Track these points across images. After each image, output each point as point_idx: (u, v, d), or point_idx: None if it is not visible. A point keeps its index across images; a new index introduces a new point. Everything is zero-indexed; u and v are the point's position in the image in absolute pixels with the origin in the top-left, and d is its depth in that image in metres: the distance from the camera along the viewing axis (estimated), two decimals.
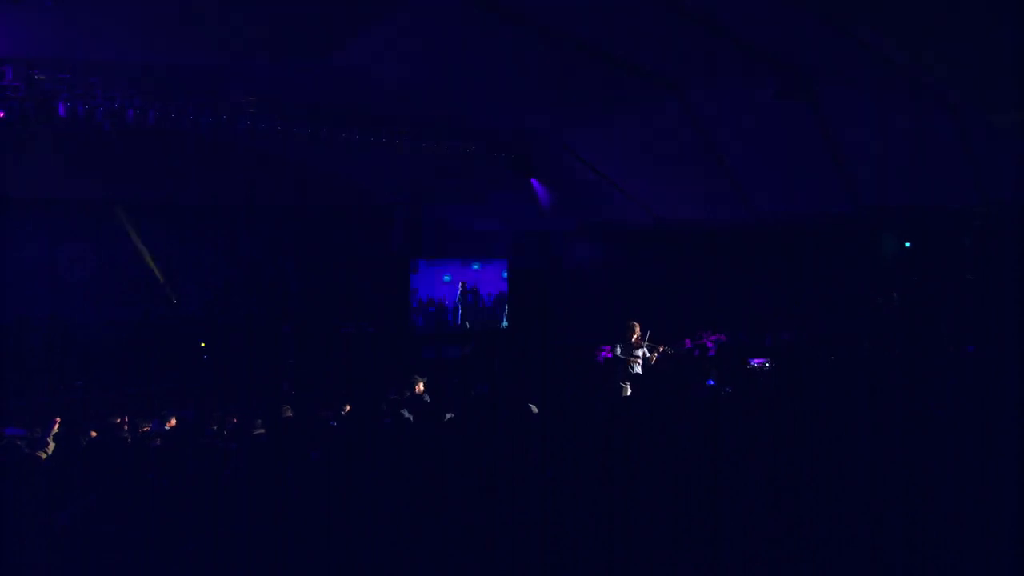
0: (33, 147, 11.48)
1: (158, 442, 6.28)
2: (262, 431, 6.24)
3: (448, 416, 5.98)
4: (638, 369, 8.91)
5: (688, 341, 11.67)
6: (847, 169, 9.81)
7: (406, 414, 6.39)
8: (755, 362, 10.23)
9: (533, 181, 13.58)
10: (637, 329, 9.01)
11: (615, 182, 12.58)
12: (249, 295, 14.59)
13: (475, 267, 16.39)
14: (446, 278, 16.01)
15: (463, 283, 16.02)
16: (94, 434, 6.92)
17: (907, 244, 10.72)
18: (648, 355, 8.96)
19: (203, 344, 13.83)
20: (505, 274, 16.51)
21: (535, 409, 5.98)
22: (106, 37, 8.18)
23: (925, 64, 6.79)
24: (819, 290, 11.30)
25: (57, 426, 7.10)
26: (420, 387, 7.84)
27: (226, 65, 9.64)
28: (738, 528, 3.52)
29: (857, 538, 3.45)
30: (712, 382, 7.54)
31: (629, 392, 8.50)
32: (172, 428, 7.47)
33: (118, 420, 8.10)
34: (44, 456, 6.01)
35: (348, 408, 7.51)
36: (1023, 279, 8.20)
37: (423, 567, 3.49)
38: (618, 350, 9.01)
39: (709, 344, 11.56)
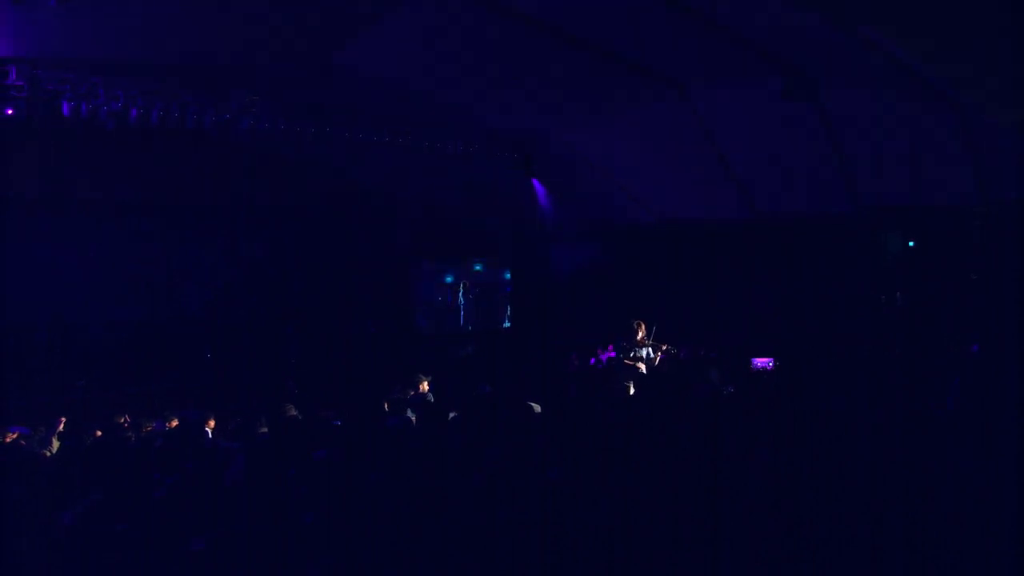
0: (36, 147, 11.52)
1: (160, 442, 6.29)
2: (265, 430, 6.25)
3: (451, 415, 6.00)
4: (642, 368, 8.92)
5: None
6: (849, 168, 9.80)
7: (409, 414, 6.40)
8: (758, 362, 10.22)
9: (534, 181, 13.58)
10: (642, 328, 9.03)
11: (616, 181, 12.58)
12: (250, 295, 14.60)
13: (477, 267, 16.39)
14: (448, 279, 16.02)
15: (464, 283, 16.03)
16: (99, 434, 6.94)
17: (911, 243, 10.70)
18: (652, 354, 8.97)
19: (206, 345, 13.85)
20: (507, 274, 16.51)
21: (537, 408, 5.99)
22: (108, 37, 8.21)
23: (927, 63, 6.78)
24: (820, 290, 11.28)
25: (62, 425, 7.13)
26: (424, 386, 7.84)
27: (228, 65, 9.67)
28: (738, 528, 3.53)
29: (857, 538, 3.45)
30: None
31: (633, 391, 8.50)
32: (174, 428, 7.48)
33: (121, 420, 8.11)
34: (48, 455, 6.03)
35: (347, 410, 7.50)
36: None
37: (423, 567, 3.50)
38: (622, 346, 9.04)
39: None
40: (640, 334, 8.99)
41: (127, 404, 10.55)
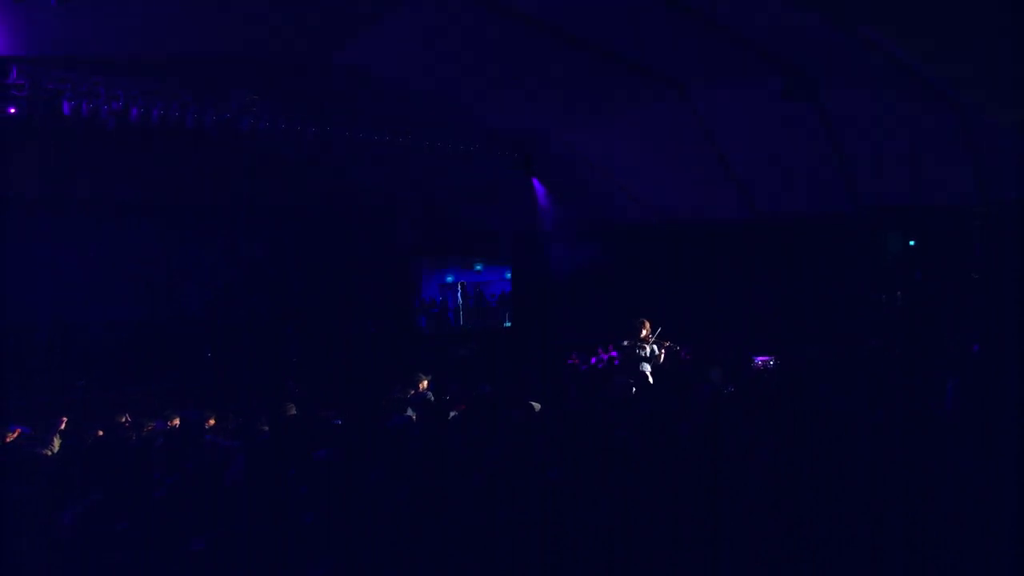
0: (36, 146, 11.51)
1: (161, 441, 6.29)
2: (265, 430, 6.25)
3: (452, 414, 6.01)
4: (647, 367, 8.90)
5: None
6: (849, 168, 9.80)
7: (409, 412, 6.41)
8: (758, 360, 10.23)
9: (534, 181, 13.58)
10: (646, 326, 9.00)
11: (616, 181, 12.58)
12: (250, 295, 14.59)
13: (478, 268, 16.40)
14: (448, 279, 16.03)
15: (462, 284, 16.04)
16: (101, 433, 6.94)
17: (911, 243, 10.71)
18: (657, 352, 8.95)
19: (206, 345, 13.85)
20: (507, 274, 16.52)
21: (537, 407, 6.00)
22: (108, 36, 8.21)
23: (927, 63, 6.78)
24: (820, 290, 11.29)
25: (63, 425, 7.13)
26: (423, 384, 7.85)
27: (228, 65, 9.66)
28: (738, 528, 3.53)
29: (857, 538, 3.45)
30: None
31: (635, 390, 8.49)
32: (175, 427, 7.48)
33: (122, 420, 8.11)
34: (49, 454, 6.03)
35: (347, 410, 7.50)
36: None
37: (423, 567, 3.50)
38: (624, 344, 9.02)
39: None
40: (644, 332, 8.96)
41: (127, 404, 10.55)
